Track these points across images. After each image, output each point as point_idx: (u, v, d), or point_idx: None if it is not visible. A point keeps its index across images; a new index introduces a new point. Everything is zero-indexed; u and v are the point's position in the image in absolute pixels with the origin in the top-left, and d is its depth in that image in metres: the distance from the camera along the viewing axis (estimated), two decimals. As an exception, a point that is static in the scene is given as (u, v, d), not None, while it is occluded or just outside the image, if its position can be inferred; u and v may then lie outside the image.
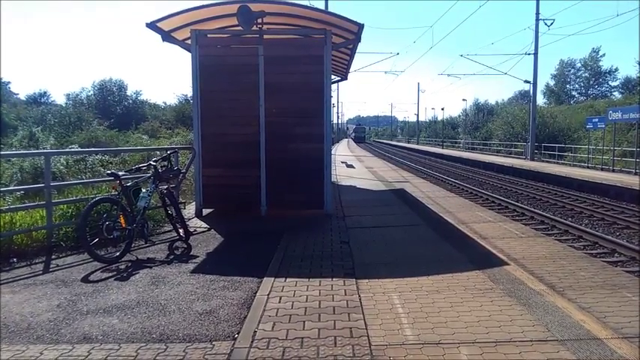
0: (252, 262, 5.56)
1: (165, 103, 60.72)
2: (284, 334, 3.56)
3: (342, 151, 41.23)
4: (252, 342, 3.44)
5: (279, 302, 4.22)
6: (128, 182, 6.21)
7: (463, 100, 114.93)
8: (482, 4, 27.13)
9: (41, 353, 3.32)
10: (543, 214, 12.21)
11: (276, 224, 7.63)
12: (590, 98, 68.33)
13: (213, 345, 3.45)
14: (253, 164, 8.27)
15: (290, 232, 7.06)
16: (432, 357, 3.23)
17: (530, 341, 3.44)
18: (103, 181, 8.01)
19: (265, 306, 4.13)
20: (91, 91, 58.58)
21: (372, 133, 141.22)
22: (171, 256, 5.96)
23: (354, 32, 8.43)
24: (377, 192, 12.72)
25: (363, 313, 3.96)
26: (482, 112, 66.45)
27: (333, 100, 48.49)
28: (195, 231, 7.17)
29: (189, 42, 8.33)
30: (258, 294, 4.45)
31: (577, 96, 75.43)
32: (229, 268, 5.30)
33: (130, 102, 60.45)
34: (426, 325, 3.74)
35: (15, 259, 5.60)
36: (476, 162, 30.76)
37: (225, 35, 9.08)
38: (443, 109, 72.18)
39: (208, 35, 8.56)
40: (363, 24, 7.93)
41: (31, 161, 17.08)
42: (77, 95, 57.47)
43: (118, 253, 5.73)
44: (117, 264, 5.55)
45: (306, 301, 4.25)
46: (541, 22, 28.38)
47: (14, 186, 13.52)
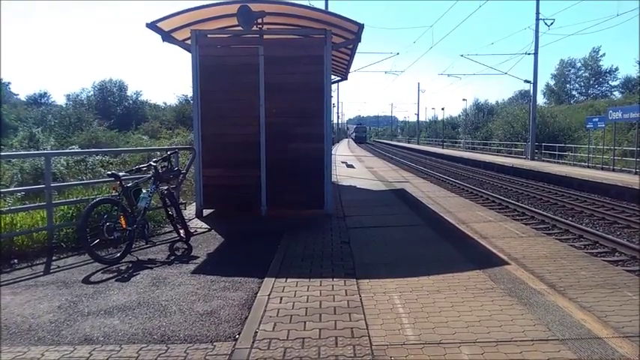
0: (253, 262, 5.56)
1: (165, 104, 60.88)
2: (285, 335, 3.56)
3: (343, 151, 41.23)
4: (253, 342, 3.44)
5: (280, 303, 4.22)
6: (128, 183, 6.21)
7: (463, 99, 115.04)
8: (482, 4, 27.10)
9: (42, 355, 3.32)
10: (544, 213, 12.21)
11: (277, 224, 7.63)
12: (590, 98, 68.35)
13: (215, 346, 3.45)
14: (253, 164, 8.27)
15: (290, 232, 7.06)
16: (433, 357, 3.23)
17: (531, 341, 3.44)
18: (103, 182, 8.01)
19: (266, 306, 4.13)
20: (91, 92, 58.68)
21: (373, 133, 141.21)
22: (172, 257, 5.96)
23: (354, 32, 8.44)
24: (377, 192, 12.72)
25: (364, 313, 3.96)
26: (483, 112, 66.48)
27: (333, 100, 48.42)
28: (195, 231, 7.18)
29: (189, 42, 8.34)
30: (259, 294, 4.45)
31: (577, 96, 75.47)
32: (230, 268, 5.30)
33: (130, 102, 60.49)
34: (427, 324, 3.74)
35: (16, 261, 5.60)
36: (476, 162, 30.76)
37: (225, 35, 9.09)
38: (443, 109, 72.22)
39: (208, 35, 8.56)
40: (363, 24, 7.93)
41: (32, 162, 17.11)
42: (77, 96, 57.59)
43: (118, 254, 5.73)
44: (117, 265, 5.55)
45: (307, 301, 4.25)
46: (541, 22, 28.44)
47: (15, 187, 13.54)
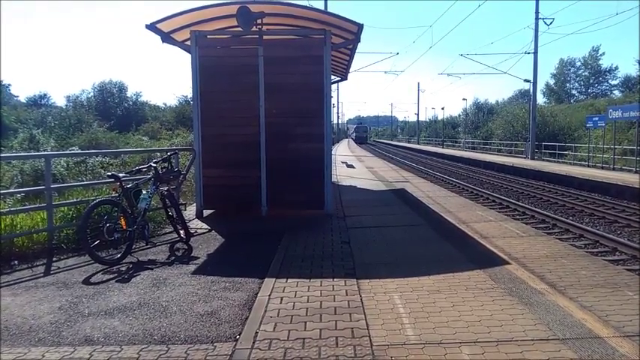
0: (253, 262, 5.56)
1: (165, 105, 60.91)
2: (285, 335, 3.56)
3: (343, 151, 41.23)
4: (253, 343, 3.44)
5: (281, 303, 4.22)
6: (129, 184, 6.21)
7: (463, 99, 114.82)
8: (482, 4, 27.09)
9: (43, 356, 3.32)
10: (544, 213, 12.20)
11: (277, 224, 7.63)
12: (590, 97, 68.37)
13: (215, 346, 3.45)
14: (254, 165, 8.28)
15: (291, 232, 7.06)
16: (433, 357, 3.23)
17: (532, 340, 3.44)
18: (103, 183, 8.02)
19: (267, 307, 4.13)
20: (91, 93, 58.73)
21: (373, 133, 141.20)
22: (172, 258, 5.96)
23: (353, 32, 8.44)
24: (377, 192, 12.72)
25: (365, 314, 3.96)
26: (483, 112, 66.51)
27: (333, 100, 48.54)
28: (195, 232, 7.18)
29: (189, 43, 8.34)
30: (259, 295, 4.45)
31: (577, 95, 75.49)
32: (230, 268, 5.30)
33: (130, 103, 60.54)
34: (428, 324, 3.74)
35: (16, 262, 5.60)
36: (476, 161, 30.75)
37: (225, 36, 9.09)
38: (443, 109, 71.97)
39: (208, 36, 8.57)
40: (362, 24, 7.93)
41: (32, 163, 17.12)
42: (77, 97, 57.63)
43: (118, 255, 5.74)
44: (118, 266, 5.55)
45: (308, 301, 4.25)
46: (541, 21, 28.42)
47: (15, 188, 13.54)
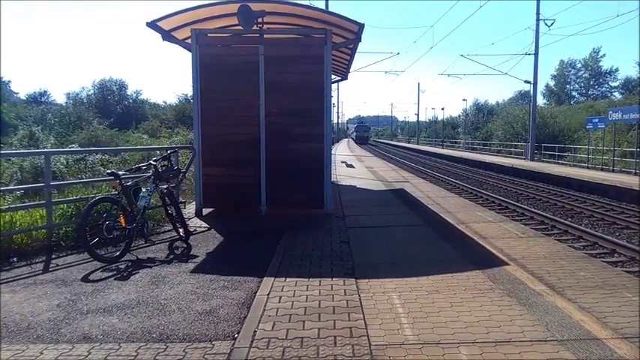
0: (252, 261, 5.56)
1: (165, 103, 60.78)
2: (284, 334, 3.56)
3: (342, 151, 41.22)
4: (252, 342, 3.45)
5: (279, 302, 4.23)
6: (128, 182, 6.22)
7: (463, 100, 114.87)
8: (483, 4, 27.18)
9: (41, 353, 3.32)
10: (543, 214, 12.21)
11: (276, 224, 7.63)
12: (590, 98, 68.38)
13: (213, 345, 3.45)
14: (253, 164, 8.27)
15: (290, 231, 7.06)
16: (431, 357, 3.23)
17: (530, 341, 3.44)
18: (103, 181, 8.02)
19: (265, 306, 4.13)
20: (91, 91, 58.72)
21: (373, 133, 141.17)
22: (171, 256, 5.96)
23: (354, 32, 8.43)
24: (377, 192, 12.72)
25: (363, 313, 3.96)
26: (483, 112, 66.56)
27: (334, 99, 48.50)
28: (195, 230, 7.18)
29: (189, 41, 8.34)
30: (258, 294, 4.46)
31: (577, 96, 75.50)
32: (229, 267, 5.30)
33: (130, 101, 60.52)
34: (426, 325, 3.75)
35: (15, 259, 5.60)
36: (476, 162, 30.76)
37: (225, 35, 9.08)
38: (443, 109, 72.32)
39: (209, 34, 8.56)
40: (363, 24, 7.93)
41: (31, 160, 17.08)
42: (77, 94, 57.63)
43: (118, 253, 5.74)
44: (117, 263, 5.56)
45: (306, 300, 4.25)
46: (541, 23, 28.41)
47: (14, 185, 13.51)
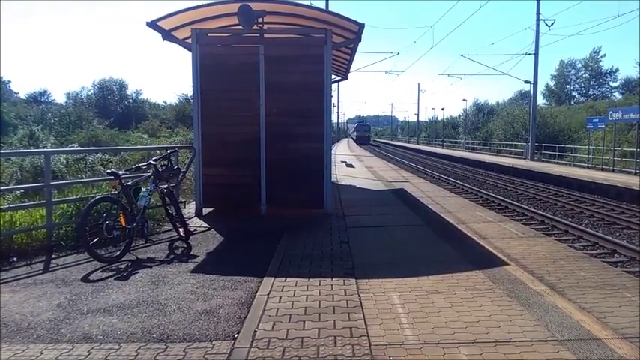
0: (252, 261, 5.56)
1: (165, 102, 60.83)
2: (284, 334, 3.56)
3: (343, 151, 41.22)
4: (252, 341, 3.45)
5: (279, 302, 4.23)
6: (128, 181, 6.21)
7: (463, 100, 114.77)
8: (483, 5, 27.22)
9: (41, 352, 3.32)
10: (543, 214, 12.21)
11: (276, 224, 7.62)
12: (590, 99, 68.30)
13: (214, 344, 3.45)
14: (253, 163, 8.27)
15: (290, 231, 7.06)
16: (431, 357, 3.23)
17: (530, 341, 3.44)
18: (103, 181, 8.01)
19: (265, 305, 4.13)
20: (92, 90, 58.77)
21: (373, 133, 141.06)
22: (172, 256, 5.96)
23: (354, 32, 8.43)
24: (377, 192, 12.72)
25: (363, 313, 3.96)
26: (483, 112, 66.54)
27: (334, 99, 48.44)
28: (195, 230, 7.18)
29: (189, 41, 8.33)
30: (258, 293, 4.46)
31: (577, 96, 75.42)
32: (229, 267, 5.30)
33: (130, 101, 60.54)
34: (426, 324, 3.74)
35: (15, 259, 5.60)
36: (476, 162, 30.76)
37: (225, 34, 9.07)
38: (443, 109, 72.16)
39: (209, 34, 8.56)
40: (363, 23, 7.93)
41: (31, 160, 17.07)
42: (77, 94, 57.68)
43: (118, 253, 5.74)
44: (117, 263, 5.56)
45: (306, 300, 4.25)
46: (542, 23, 28.43)
47: (14, 185, 13.51)
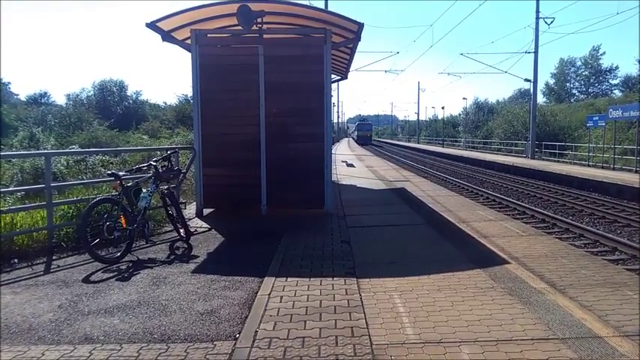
0: (253, 261, 5.55)
1: (165, 103, 60.70)
2: (285, 334, 3.56)
3: (343, 151, 41.22)
4: (253, 342, 3.45)
5: (280, 302, 4.23)
6: (129, 182, 6.22)
7: (463, 98, 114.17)
8: (482, 3, 27.19)
9: (43, 354, 3.33)
10: (544, 212, 12.21)
11: (277, 224, 7.63)
12: (590, 96, 68.23)
13: (215, 345, 3.45)
14: (254, 164, 8.28)
15: (290, 231, 7.06)
16: (433, 356, 3.23)
17: (532, 340, 3.44)
18: (103, 182, 8.01)
19: (266, 306, 4.14)
20: (92, 92, 58.60)
21: (373, 132, 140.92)
22: (172, 256, 5.96)
23: (354, 31, 8.43)
24: (377, 191, 12.72)
25: (364, 313, 3.96)
26: (483, 111, 66.40)
27: (334, 99, 48.52)
28: (195, 231, 7.18)
29: (189, 42, 8.34)
30: (259, 294, 4.46)
31: (577, 94, 75.35)
32: (230, 267, 5.30)
33: (131, 102, 60.41)
34: (427, 324, 3.74)
35: (16, 260, 5.60)
36: (476, 161, 30.74)
37: (225, 35, 9.08)
38: (443, 108, 71.72)
39: (208, 35, 8.56)
40: (363, 23, 7.93)
41: (32, 162, 17.08)
42: (77, 95, 57.52)
43: (118, 254, 5.74)
44: (118, 264, 5.56)
45: (307, 300, 4.25)
46: (541, 21, 28.43)
47: (15, 187, 13.51)
